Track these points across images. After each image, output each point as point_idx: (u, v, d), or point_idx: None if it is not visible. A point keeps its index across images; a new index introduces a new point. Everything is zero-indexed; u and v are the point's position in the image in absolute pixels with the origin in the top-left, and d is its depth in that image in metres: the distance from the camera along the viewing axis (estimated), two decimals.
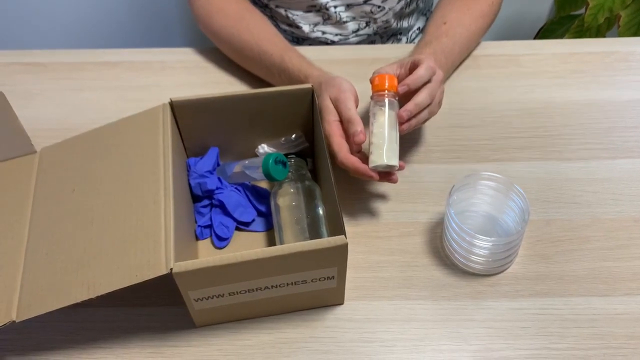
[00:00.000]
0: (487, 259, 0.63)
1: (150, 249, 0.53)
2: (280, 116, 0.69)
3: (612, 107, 0.81)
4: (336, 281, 0.57)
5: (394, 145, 0.64)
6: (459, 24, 0.80)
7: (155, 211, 0.56)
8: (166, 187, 0.58)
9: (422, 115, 0.67)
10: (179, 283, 0.53)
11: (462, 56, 0.83)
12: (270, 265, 0.53)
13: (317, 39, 0.93)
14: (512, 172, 0.74)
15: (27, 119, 0.69)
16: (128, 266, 0.53)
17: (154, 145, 0.61)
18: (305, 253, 0.52)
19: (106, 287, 0.52)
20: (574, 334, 0.60)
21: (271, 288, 0.56)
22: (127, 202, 0.58)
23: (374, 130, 0.65)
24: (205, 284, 0.54)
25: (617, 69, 0.85)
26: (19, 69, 0.87)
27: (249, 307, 0.59)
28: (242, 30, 0.81)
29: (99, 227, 0.57)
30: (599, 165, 0.74)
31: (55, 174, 0.65)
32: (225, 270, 0.52)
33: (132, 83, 0.85)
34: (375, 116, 0.66)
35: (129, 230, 0.56)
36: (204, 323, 0.60)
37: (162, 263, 0.52)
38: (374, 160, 0.63)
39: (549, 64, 0.87)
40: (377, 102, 0.66)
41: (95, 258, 0.55)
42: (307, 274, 0.55)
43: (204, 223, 0.68)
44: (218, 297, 0.56)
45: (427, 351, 0.59)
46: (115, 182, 0.61)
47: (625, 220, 0.69)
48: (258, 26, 0.82)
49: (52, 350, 0.59)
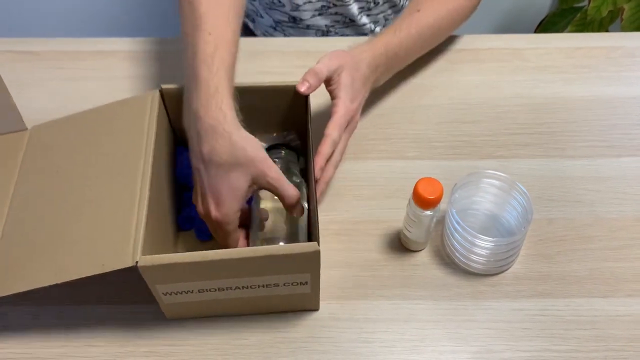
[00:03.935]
0: (488, 259, 0.62)
1: (120, 239, 0.52)
2: (274, 112, 0.67)
3: (618, 103, 0.80)
4: (310, 287, 0.56)
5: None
6: (433, 14, 0.77)
7: (130, 201, 0.54)
8: (144, 176, 0.56)
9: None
10: (145, 277, 0.52)
11: (423, 51, 0.80)
12: (239, 267, 0.52)
13: (318, 2, 0.90)
14: (514, 169, 0.72)
15: (20, 108, 0.68)
16: (96, 255, 0.52)
17: (139, 133, 0.60)
18: (276, 257, 0.51)
19: (72, 274, 0.51)
20: (575, 336, 0.59)
21: (242, 289, 0.55)
22: (105, 189, 0.57)
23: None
24: (172, 279, 0.53)
25: (623, 64, 0.84)
26: (12, 57, 0.85)
27: (221, 305, 0.58)
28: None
29: (75, 212, 0.56)
30: (602, 163, 0.73)
31: (42, 154, 0.64)
32: (193, 267, 0.51)
33: (127, 73, 0.83)
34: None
35: (103, 218, 0.55)
36: (175, 316, 0.60)
37: (129, 255, 0.51)
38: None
39: (554, 59, 0.85)
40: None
41: (67, 243, 0.54)
42: (278, 278, 0.54)
43: (187, 214, 0.66)
44: (187, 292, 0.55)
45: (427, 352, 0.58)
46: (96, 167, 0.60)
47: (629, 220, 0.68)
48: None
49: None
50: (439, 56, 0.85)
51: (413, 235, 0.63)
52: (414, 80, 0.82)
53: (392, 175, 0.72)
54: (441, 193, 0.58)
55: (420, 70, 0.83)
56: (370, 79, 0.70)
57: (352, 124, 0.67)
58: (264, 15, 0.96)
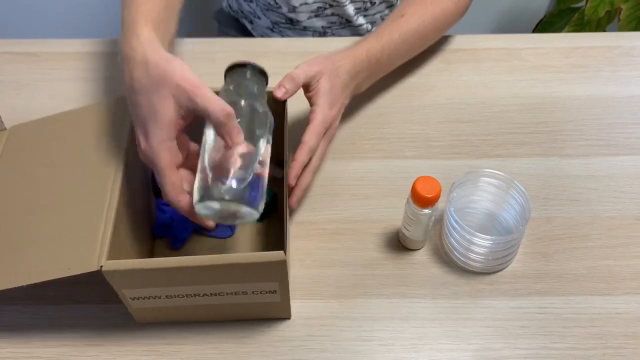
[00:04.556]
0: (486, 257, 0.62)
1: (87, 243, 0.52)
2: None
3: (614, 102, 0.80)
4: (279, 296, 0.56)
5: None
6: (417, 20, 0.76)
7: (99, 205, 0.54)
8: (115, 180, 0.56)
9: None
10: (110, 281, 0.52)
11: (408, 56, 0.79)
12: (204, 274, 0.52)
13: (314, 3, 0.90)
14: (512, 168, 0.73)
15: (18, 109, 0.68)
16: (63, 258, 0.52)
17: (114, 136, 0.60)
18: (241, 265, 0.50)
19: (37, 276, 0.51)
20: (573, 334, 0.59)
21: (210, 295, 0.55)
22: (77, 192, 0.57)
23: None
24: (138, 285, 0.53)
25: (620, 64, 0.84)
26: (10, 59, 0.85)
27: (191, 311, 0.57)
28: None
29: (46, 214, 0.56)
30: (600, 162, 0.73)
31: (20, 154, 0.63)
32: (157, 273, 0.51)
33: None
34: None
35: (72, 221, 0.55)
36: (144, 320, 0.59)
37: (94, 259, 0.51)
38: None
39: (551, 58, 0.85)
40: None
41: (35, 245, 0.54)
42: (245, 286, 0.54)
43: (163, 221, 0.66)
44: (155, 298, 0.55)
45: (425, 350, 0.58)
46: (71, 169, 0.59)
47: (626, 218, 0.68)
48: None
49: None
50: (437, 56, 0.85)
51: (411, 234, 0.63)
52: (412, 80, 0.82)
53: (390, 174, 0.72)
54: (439, 191, 0.59)
55: (419, 70, 0.83)
56: (350, 85, 0.69)
57: (331, 130, 0.66)
58: (262, 17, 0.96)
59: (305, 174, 0.64)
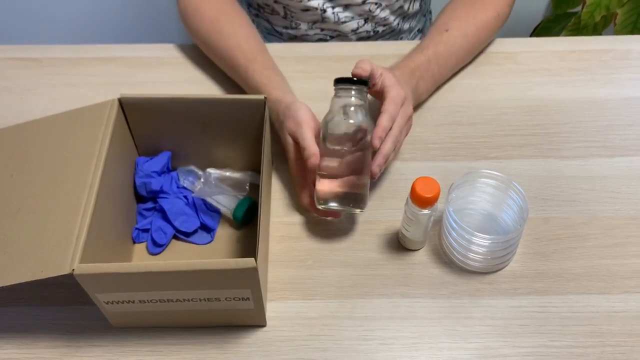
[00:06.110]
0: (485, 257, 0.63)
1: (61, 247, 0.52)
2: (233, 124, 0.66)
3: (610, 104, 0.81)
4: (252, 303, 0.56)
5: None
6: (461, 33, 0.79)
7: (75, 208, 0.54)
8: (92, 184, 0.56)
9: (390, 157, 0.66)
10: (82, 285, 0.52)
11: (457, 67, 0.82)
12: (175, 279, 0.52)
13: (315, 35, 0.92)
14: (511, 169, 0.73)
15: (22, 114, 0.69)
16: (37, 261, 0.52)
17: (93, 141, 0.60)
18: (211, 272, 0.51)
19: (11, 279, 0.51)
20: (572, 332, 0.60)
21: (183, 301, 0.55)
22: (53, 196, 0.57)
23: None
24: (110, 289, 0.53)
25: (615, 66, 0.86)
26: (14, 64, 0.86)
27: (167, 316, 0.58)
28: (214, 35, 0.79)
29: (22, 217, 0.56)
30: (597, 163, 0.74)
31: (0, 158, 0.64)
32: (129, 278, 0.51)
33: (128, 79, 0.85)
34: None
35: (47, 224, 0.55)
36: (120, 325, 0.60)
37: (67, 262, 0.51)
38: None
39: (547, 62, 0.86)
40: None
41: (9, 248, 0.54)
42: (218, 292, 0.54)
43: (143, 226, 0.66)
44: (129, 302, 0.55)
45: (425, 349, 0.59)
46: (49, 173, 0.60)
47: (623, 218, 0.69)
48: (231, 30, 0.79)
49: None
50: None
51: (411, 235, 0.64)
52: None
53: (389, 176, 0.73)
54: (438, 192, 0.59)
55: None
56: (409, 82, 0.71)
57: (409, 119, 0.67)
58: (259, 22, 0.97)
59: (387, 140, 0.63)
